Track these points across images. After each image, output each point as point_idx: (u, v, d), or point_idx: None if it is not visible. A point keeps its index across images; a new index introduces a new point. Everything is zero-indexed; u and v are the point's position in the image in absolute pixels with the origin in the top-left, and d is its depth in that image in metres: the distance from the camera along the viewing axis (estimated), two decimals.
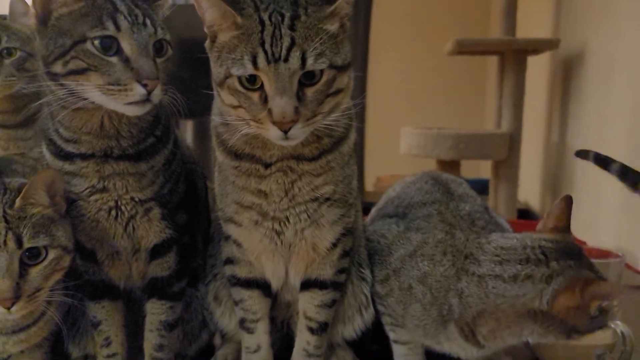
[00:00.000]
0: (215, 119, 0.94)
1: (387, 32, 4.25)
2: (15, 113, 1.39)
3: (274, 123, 0.78)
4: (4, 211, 0.84)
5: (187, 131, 2.40)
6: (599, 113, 2.12)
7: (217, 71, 0.83)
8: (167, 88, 0.89)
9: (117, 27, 0.82)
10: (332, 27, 0.81)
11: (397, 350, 1.08)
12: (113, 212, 0.94)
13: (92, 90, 0.83)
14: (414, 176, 1.22)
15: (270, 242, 0.97)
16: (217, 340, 1.21)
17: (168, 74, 0.90)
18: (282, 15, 0.79)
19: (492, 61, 3.26)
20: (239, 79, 0.79)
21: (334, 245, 1.00)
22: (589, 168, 2.24)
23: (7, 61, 1.29)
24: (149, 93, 0.83)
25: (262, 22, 0.79)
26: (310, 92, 0.80)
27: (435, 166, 2.66)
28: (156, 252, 1.01)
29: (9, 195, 0.87)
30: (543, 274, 0.86)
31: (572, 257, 0.89)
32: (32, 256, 0.85)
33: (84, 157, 0.91)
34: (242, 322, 1.06)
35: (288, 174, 0.91)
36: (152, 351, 1.04)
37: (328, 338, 1.08)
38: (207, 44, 0.86)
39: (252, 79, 0.79)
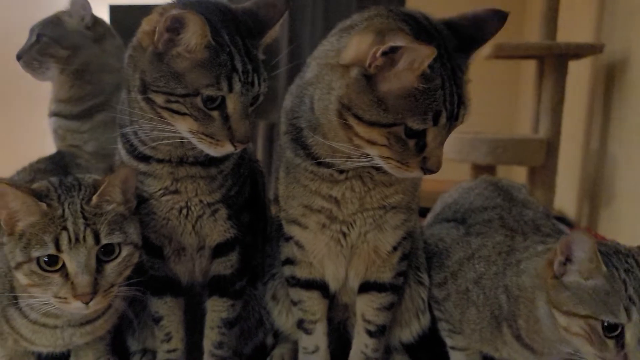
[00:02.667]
0: (304, 126, 0.90)
1: None
2: (71, 104, 1.42)
3: (423, 169, 0.81)
4: (82, 207, 0.86)
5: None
6: None
7: (375, 114, 0.77)
8: None
9: (230, 89, 0.81)
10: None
11: (455, 357, 1.08)
12: (184, 211, 0.95)
13: (183, 128, 0.84)
14: (472, 182, 1.23)
15: (336, 244, 0.97)
16: (269, 340, 1.21)
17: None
18: (453, 72, 0.79)
19: (527, 65, 3.22)
20: (407, 128, 0.78)
21: (395, 248, 1.00)
22: (630, 177, 2.21)
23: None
24: (236, 149, 0.85)
25: (443, 78, 0.78)
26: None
27: (469, 171, 2.63)
28: (219, 250, 1.02)
29: (85, 192, 0.88)
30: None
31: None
32: (107, 252, 0.87)
33: (159, 160, 0.92)
34: (300, 323, 1.06)
35: (366, 182, 0.91)
36: (212, 348, 1.05)
37: (385, 341, 1.08)
38: (356, 74, 0.78)
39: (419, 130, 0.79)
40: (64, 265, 0.83)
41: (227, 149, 0.84)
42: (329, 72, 0.83)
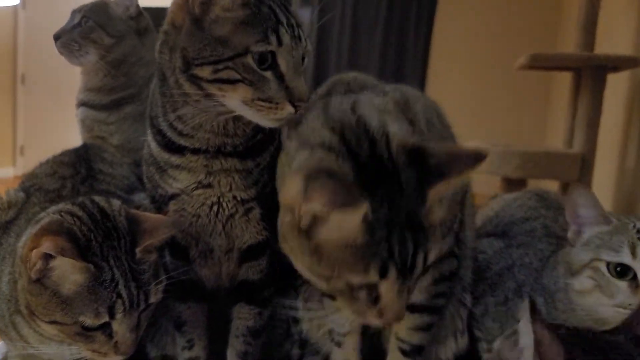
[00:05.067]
0: None
1: (448, 47, 4.18)
2: (102, 93, 1.39)
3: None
4: (130, 265, 0.78)
5: None
6: None
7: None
8: None
9: (279, 42, 0.77)
10: None
11: None
12: (215, 208, 0.90)
13: (236, 100, 0.79)
14: (515, 194, 1.19)
15: None
16: (295, 351, 1.15)
17: None
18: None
19: (559, 77, 3.14)
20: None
21: (425, 270, 0.93)
22: None
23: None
24: (296, 110, 0.79)
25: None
26: None
27: (499, 184, 2.56)
28: (249, 254, 0.96)
29: (125, 239, 0.80)
30: None
31: None
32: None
33: (195, 151, 0.87)
34: (330, 333, 0.99)
35: None
36: (236, 358, 0.99)
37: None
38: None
39: None
40: (109, 324, 0.77)
41: (287, 110, 0.78)
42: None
